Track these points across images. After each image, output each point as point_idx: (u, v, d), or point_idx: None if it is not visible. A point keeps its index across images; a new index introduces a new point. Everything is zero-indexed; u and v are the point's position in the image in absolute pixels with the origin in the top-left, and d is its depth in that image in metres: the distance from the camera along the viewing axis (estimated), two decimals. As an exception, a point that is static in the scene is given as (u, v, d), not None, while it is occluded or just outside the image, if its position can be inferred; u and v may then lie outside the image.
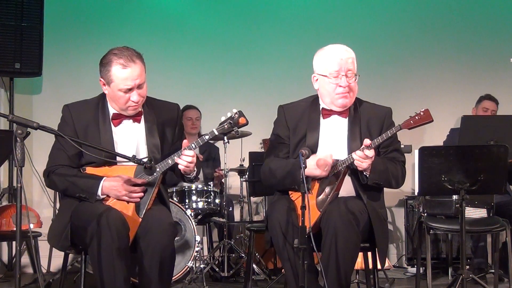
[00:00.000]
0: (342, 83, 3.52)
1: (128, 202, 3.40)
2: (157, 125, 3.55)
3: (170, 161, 3.43)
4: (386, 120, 3.64)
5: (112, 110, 3.51)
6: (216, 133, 3.49)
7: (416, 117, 3.52)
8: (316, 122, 3.63)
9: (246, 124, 3.49)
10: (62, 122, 3.50)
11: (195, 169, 3.51)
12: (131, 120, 3.51)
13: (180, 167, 3.42)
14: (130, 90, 3.39)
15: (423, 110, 3.53)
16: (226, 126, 3.46)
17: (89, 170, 3.46)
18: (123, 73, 3.37)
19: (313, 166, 3.45)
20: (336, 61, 3.53)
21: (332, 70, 3.53)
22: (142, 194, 3.42)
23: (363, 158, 3.39)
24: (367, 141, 3.41)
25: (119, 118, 3.50)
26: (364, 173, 3.47)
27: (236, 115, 3.47)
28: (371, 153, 3.40)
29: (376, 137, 3.53)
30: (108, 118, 3.49)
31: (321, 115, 3.64)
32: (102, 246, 3.18)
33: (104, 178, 3.39)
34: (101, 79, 3.44)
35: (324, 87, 3.58)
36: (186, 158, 3.38)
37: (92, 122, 3.47)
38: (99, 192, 3.38)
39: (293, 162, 3.53)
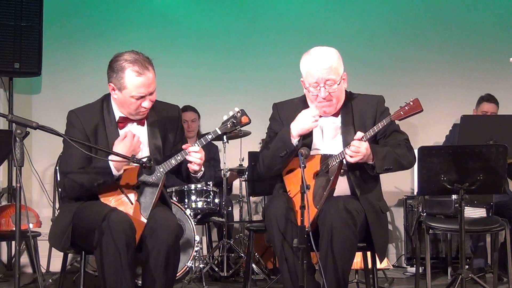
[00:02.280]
0: (321, 94, 3.50)
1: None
2: (159, 127, 3.55)
3: (173, 161, 3.42)
4: (379, 107, 3.63)
5: (118, 114, 3.49)
6: (219, 132, 3.47)
7: (406, 107, 3.50)
8: None
9: (249, 122, 3.47)
10: (70, 128, 3.45)
11: (202, 168, 3.51)
12: (135, 123, 3.51)
13: (189, 165, 3.40)
14: (142, 97, 3.37)
15: (412, 99, 3.50)
16: (228, 125, 3.45)
17: None
18: (137, 81, 3.34)
19: (300, 119, 3.44)
20: (313, 74, 3.49)
21: (311, 81, 3.51)
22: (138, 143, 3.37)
23: (355, 152, 3.38)
24: (359, 134, 3.42)
25: (125, 121, 3.49)
26: (370, 163, 3.45)
27: (238, 113, 3.45)
28: (363, 146, 3.38)
29: (371, 127, 3.52)
30: (114, 121, 3.48)
31: None
32: (109, 248, 3.17)
33: (109, 157, 3.33)
34: (111, 84, 3.40)
35: (308, 94, 3.60)
36: (194, 155, 3.37)
37: (100, 125, 3.46)
38: (114, 170, 3.32)
39: (279, 132, 3.55)
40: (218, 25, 6.88)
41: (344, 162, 3.50)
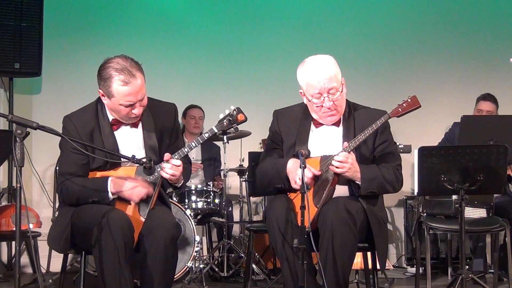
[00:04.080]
0: (326, 104, 3.48)
1: (131, 200, 3.39)
2: (155, 126, 3.53)
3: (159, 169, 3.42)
4: (381, 124, 3.61)
5: (111, 117, 3.49)
6: (216, 130, 3.47)
7: (404, 104, 3.50)
8: (306, 132, 3.61)
9: (245, 120, 3.46)
10: (65, 134, 3.42)
11: (182, 178, 3.50)
12: (129, 126, 3.50)
13: (164, 175, 3.39)
14: (131, 105, 3.36)
15: (410, 96, 3.51)
16: (225, 123, 3.45)
17: (92, 174, 3.45)
18: (124, 90, 3.31)
19: (296, 170, 3.43)
20: (314, 85, 3.47)
21: (314, 93, 3.49)
22: (146, 191, 3.39)
23: (342, 162, 3.38)
24: (345, 144, 3.42)
25: (118, 123, 3.49)
26: (357, 182, 3.47)
27: (234, 111, 3.45)
28: (350, 157, 3.38)
29: (371, 142, 3.53)
30: (108, 124, 3.48)
31: (313, 124, 3.63)
32: (108, 247, 3.17)
33: (110, 177, 3.37)
34: (100, 91, 3.39)
35: (311, 106, 3.57)
36: (167, 170, 3.35)
37: (95, 129, 3.45)
38: (109, 190, 3.34)
39: (279, 162, 3.55)
40: (219, 25, 6.88)
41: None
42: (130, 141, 3.50)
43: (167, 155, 3.37)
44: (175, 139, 3.61)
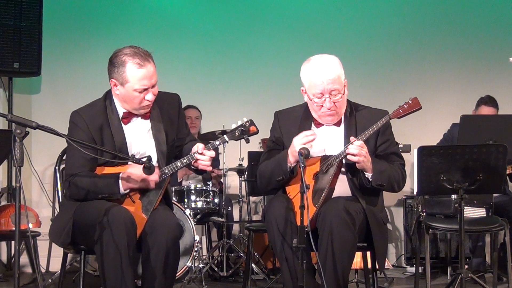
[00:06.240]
0: (326, 105, 3.48)
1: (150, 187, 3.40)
2: (162, 117, 3.55)
3: (179, 164, 3.45)
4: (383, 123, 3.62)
5: (122, 110, 3.49)
6: (227, 139, 3.53)
7: (405, 106, 3.51)
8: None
9: (257, 132, 3.53)
10: (75, 128, 3.44)
11: (210, 168, 3.55)
12: (139, 118, 3.51)
13: (202, 167, 3.44)
14: (145, 90, 3.38)
15: (411, 98, 3.52)
16: (237, 133, 3.50)
17: (99, 170, 3.45)
18: (139, 73, 3.34)
19: (295, 143, 3.43)
20: (318, 84, 3.46)
21: (316, 92, 3.48)
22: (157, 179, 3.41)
23: (361, 147, 3.37)
24: (352, 138, 3.42)
25: (129, 117, 3.49)
26: (366, 175, 3.47)
27: (247, 123, 3.51)
28: (365, 147, 3.39)
29: (373, 142, 3.53)
30: (118, 118, 3.48)
31: (313, 124, 3.63)
32: (110, 244, 3.17)
33: (120, 173, 3.37)
34: (113, 80, 3.41)
35: (311, 104, 3.57)
36: (205, 163, 3.42)
37: (104, 123, 3.45)
38: (121, 189, 3.35)
39: (279, 154, 3.55)
40: (218, 24, 6.89)
41: (344, 162, 3.50)
42: (142, 134, 3.51)
43: (201, 147, 3.40)
44: (181, 127, 3.65)
